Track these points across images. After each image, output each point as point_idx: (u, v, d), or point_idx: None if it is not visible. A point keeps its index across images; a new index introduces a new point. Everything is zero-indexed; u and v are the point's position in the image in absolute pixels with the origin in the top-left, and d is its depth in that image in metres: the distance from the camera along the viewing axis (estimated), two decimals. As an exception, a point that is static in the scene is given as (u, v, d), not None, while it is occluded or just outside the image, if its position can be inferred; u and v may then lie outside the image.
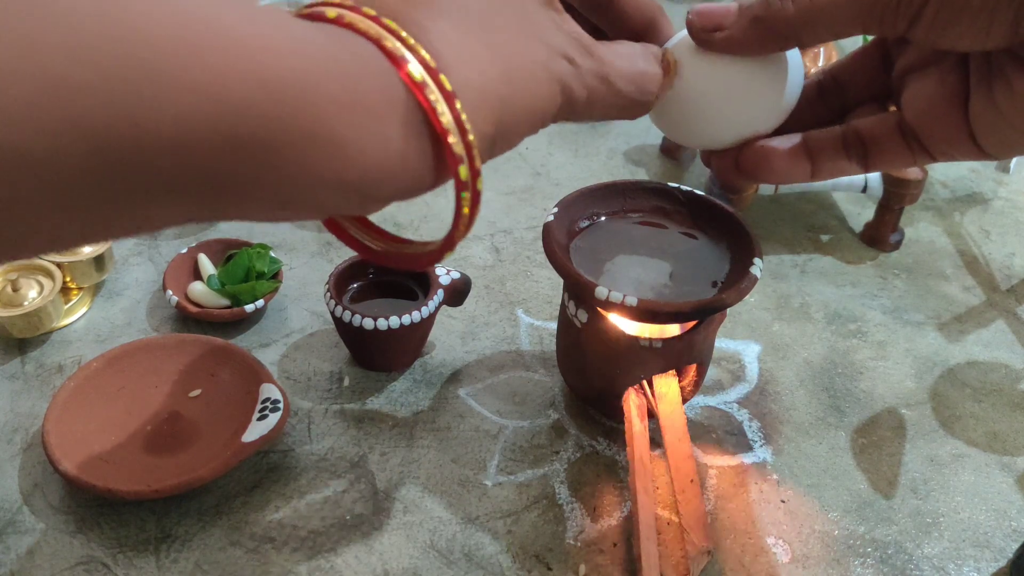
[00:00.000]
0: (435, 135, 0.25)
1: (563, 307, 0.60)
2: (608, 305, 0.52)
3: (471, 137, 0.26)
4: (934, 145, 0.34)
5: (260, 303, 0.68)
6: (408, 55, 0.24)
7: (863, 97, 0.37)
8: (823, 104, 0.38)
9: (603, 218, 0.60)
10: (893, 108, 0.36)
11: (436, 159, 0.26)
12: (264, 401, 0.57)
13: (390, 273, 0.68)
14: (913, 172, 0.78)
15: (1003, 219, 0.89)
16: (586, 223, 0.60)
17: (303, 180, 0.23)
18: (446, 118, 0.25)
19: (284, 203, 0.24)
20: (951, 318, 0.75)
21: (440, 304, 0.64)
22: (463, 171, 0.26)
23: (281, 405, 0.57)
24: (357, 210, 0.27)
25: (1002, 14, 0.28)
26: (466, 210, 0.27)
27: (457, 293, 0.66)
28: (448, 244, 0.29)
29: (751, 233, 0.57)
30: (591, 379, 0.60)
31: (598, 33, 0.35)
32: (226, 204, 0.23)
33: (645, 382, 0.59)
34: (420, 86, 0.24)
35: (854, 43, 0.99)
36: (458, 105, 0.25)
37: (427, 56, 0.25)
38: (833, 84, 0.38)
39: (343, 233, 0.31)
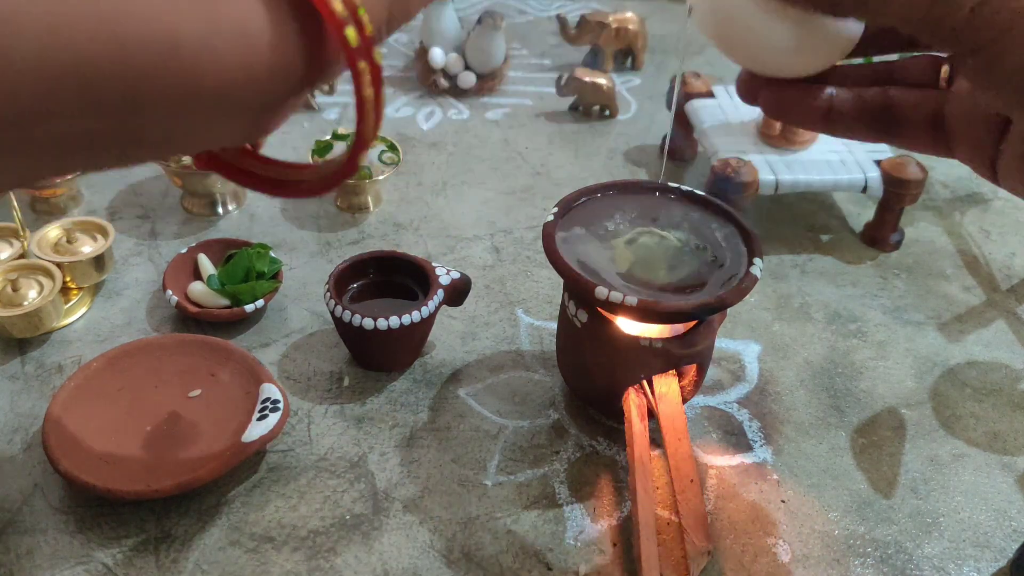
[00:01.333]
0: (304, 8, 0.22)
1: (563, 307, 0.60)
2: (608, 305, 0.52)
3: None
4: (958, 146, 0.33)
5: (260, 303, 0.68)
6: None
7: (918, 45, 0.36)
8: (873, 41, 0.36)
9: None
10: (944, 77, 0.35)
11: (310, 37, 0.22)
12: (264, 401, 0.57)
13: (390, 273, 0.68)
14: (913, 172, 0.78)
15: (1003, 219, 0.89)
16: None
17: (163, 105, 0.21)
18: None
19: (139, 141, 0.22)
20: (951, 318, 0.75)
21: (440, 304, 0.64)
22: (351, 34, 0.22)
23: (281, 405, 0.57)
24: (235, 129, 0.23)
25: None
26: (368, 90, 0.23)
27: (457, 293, 0.66)
28: (360, 144, 0.24)
29: (751, 233, 0.57)
30: (591, 379, 0.60)
31: None
32: (97, 154, 0.22)
33: (645, 382, 0.59)
34: None
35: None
36: None
37: None
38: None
39: (229, 168, 0.28)
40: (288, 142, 0.93)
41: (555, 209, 0.58)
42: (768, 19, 0.34)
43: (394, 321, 0.61)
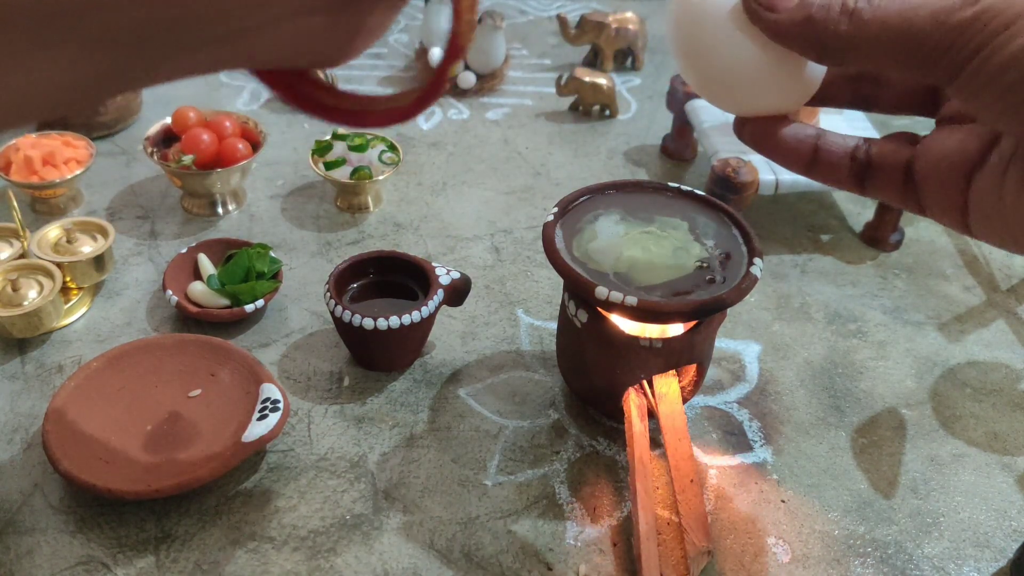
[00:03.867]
0: None
1: (563, 307, 0.60)
2: (608, 305, 0.52)
3: None
4: (926, 200, 0.33)
5: (260, 303, 0.68)
6: None
7: (894, 99, 0.36)
8: (851, 86, 0.36)
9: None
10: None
11: None
12: (264, 401, 0.57)
13: (390, 273, 0.68)
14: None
15: (1003, 219, 0.89)
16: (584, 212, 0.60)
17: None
18: None
19: (227, 36, 0.20)
20: (951, 318, 0.75)
21: (440, 304, 0.64)
22: None
23: (281, 405, 0.57)
24: (311, 30, 0.21)
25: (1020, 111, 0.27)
26: (468, 14, 0.22)
27: (457, 293, 0.66)
28: (454, 51, 0.23)
29: (751, 233, 0.57)
30: (591, 379, 0.60)
31: None
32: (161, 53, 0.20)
33: (645, 382, 0.59)
34: None
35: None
36: None
37: None
38: (872, 75, 0.36)
39: (303, 99, 0.27)
40: (288, 142, 0.93)
41: (555, 209, 0.58)
42: (744, 53, 0.34)
43: (394, 321, 0.61)
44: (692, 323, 0.56)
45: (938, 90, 0.34)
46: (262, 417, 0.56)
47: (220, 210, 0.81)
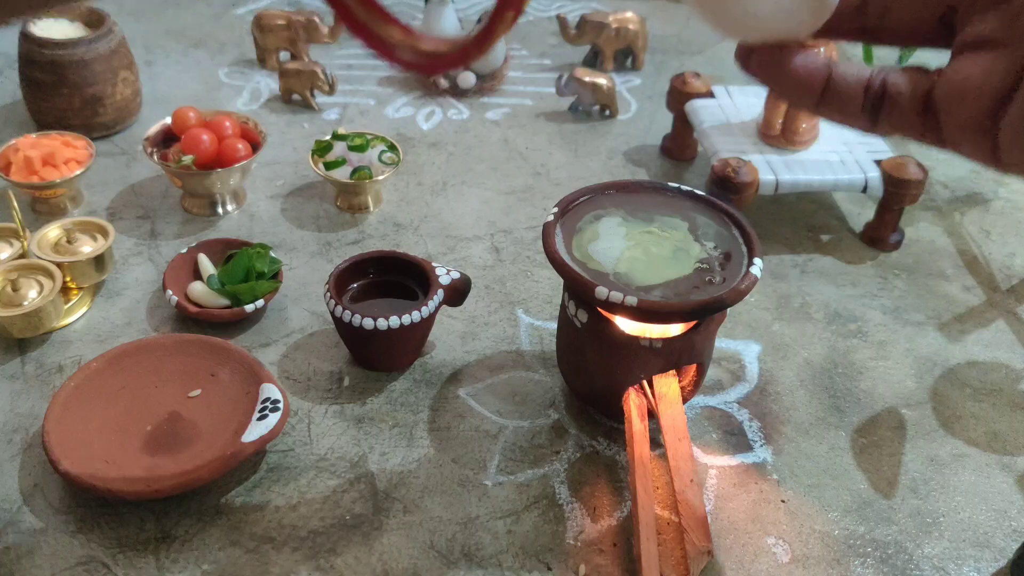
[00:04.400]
0: None
1: (563, 307, 0.60)
2: (608, 305, 0.52)
3: None
4: (949, 130, 0.30)
5: (260, 303, 0.68)
6: None
7: (903, 28, 0.33)
8: (857, 15, 0.33)
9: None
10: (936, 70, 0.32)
11: None
12: (264, 401, 0.57)
13: (390, 273, 0.68)
14: (913, 172, 0.78)
15: (1003, 219, 0.89)
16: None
17: None
18: None
19: None
20: (951, 318, 0.75)
21: (440, 304, 0.64)
22: None
23: (281, 405, 0.57)
24: None
25: None
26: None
27: (457, 293, 0.66)
28: (494, 25, 0.22)
29: (751, 233, 0.57)
30: (591, 379, 0.60)
31: None
32: None
33: (645, 382, 0.59)
34: None
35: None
36: None
37: None
38: (880, 3, 0.33)
39: (348, 15, 0.26)
40: (288, 142, 0.92)
41: (555, 209, 0.58)
42: None
43: (394, 321, 0.61)
44: (692, 323, 0.56)
45: (951, 17, 0.32)
46: (262, 417, 0.56)
47: (220, 210, 0.81)
